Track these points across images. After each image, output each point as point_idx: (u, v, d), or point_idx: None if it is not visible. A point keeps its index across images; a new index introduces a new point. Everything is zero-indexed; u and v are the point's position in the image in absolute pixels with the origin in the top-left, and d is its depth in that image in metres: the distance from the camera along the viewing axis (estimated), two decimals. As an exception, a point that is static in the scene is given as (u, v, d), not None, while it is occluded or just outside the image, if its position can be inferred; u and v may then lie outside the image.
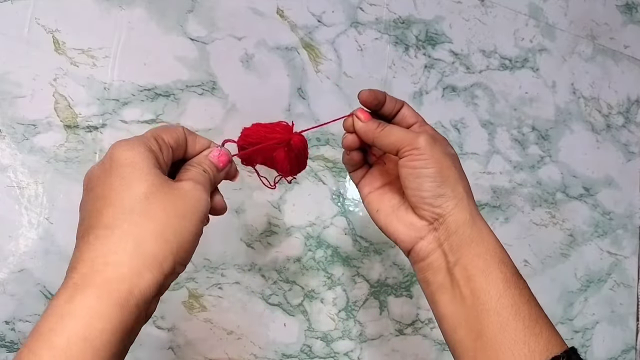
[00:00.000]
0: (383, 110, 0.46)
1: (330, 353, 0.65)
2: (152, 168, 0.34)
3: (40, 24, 0.55)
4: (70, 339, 0.29)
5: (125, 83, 0.57)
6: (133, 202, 0.32)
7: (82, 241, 0.32)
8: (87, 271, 0.31)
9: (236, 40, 0.63)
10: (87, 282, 0.30)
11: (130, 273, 0.31)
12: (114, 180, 0.33)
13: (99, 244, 0.32)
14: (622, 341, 0.83)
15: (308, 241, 0.64)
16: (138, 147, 0.34)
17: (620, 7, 0.90)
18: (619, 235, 0.85)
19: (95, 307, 0.30)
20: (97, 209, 0.33)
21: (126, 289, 0.30)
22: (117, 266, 0.31)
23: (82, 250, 0.32)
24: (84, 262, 0.31)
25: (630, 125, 0.88)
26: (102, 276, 0.30)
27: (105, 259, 0.31)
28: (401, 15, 0.73)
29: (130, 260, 0.31)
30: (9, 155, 0.53)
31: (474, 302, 0.38)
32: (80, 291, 0.30)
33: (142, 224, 0.32)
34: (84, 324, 0.29)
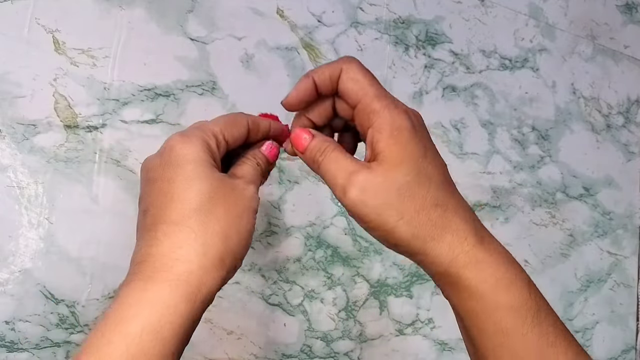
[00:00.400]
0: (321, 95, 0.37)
1: (330, 353, 0.65)
2: (211, 167, 0.35)
3: (40, 24, 0.55)
4: (144, 328, 0.30)
5: (125, 83, 0.57)
6: (198, 202, 0.33)
7: (148, 235, 0.34)
8: (158, 265, 0.32)
9: (236, 40, 0.63)
10: (159, 276, 0.32)
11: (199, 271, 0.32)
12: (177, 177, 0.34)
13: (167, 240, 0.33)
14: (622, 341, 0.84)
15: (308, 241, 0.64)
16: (197, 145, 0.35)
17: (620, 7, 0.90)
18: (619, 235, 0.85)
19: (168, 300, 0.31)
20: (162, 204, 0.34)
21: (195, 285, 0.32)
22: (187, 263, 0.32)
23: (150, 244, 0.33)
24: (154, 257, 0.32)
25: (630, 125, 0.88)
26: (173, 272, 0.32)
27: (175, 255, 0.32)
28: (401, 15, 0.73)
29: (199, 258, 0.33)
30: (9, 155, 0.53)
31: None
32: (153, 283, 0.31)
33: (207, 223, 0.33)
34: (157, 316, 0.31)
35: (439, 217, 0.33)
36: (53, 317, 0.53)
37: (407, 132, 0.33)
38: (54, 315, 0.53)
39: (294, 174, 0.64)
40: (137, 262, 0.33)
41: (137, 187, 0.57)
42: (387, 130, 0.33)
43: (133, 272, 0.33)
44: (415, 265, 0.72)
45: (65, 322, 0.53)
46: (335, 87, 0.36)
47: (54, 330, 0.53)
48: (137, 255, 0.33)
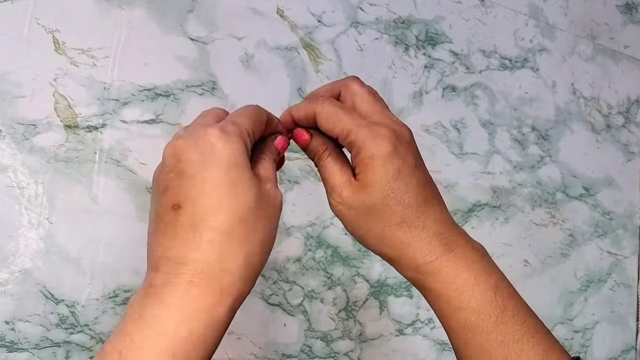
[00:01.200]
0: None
1: (330, 353, 0.65)
2: (252, 173, 0.34)
3: (40, 24, 0.55)
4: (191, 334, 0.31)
5: (125, 83, 0.57)
6: (244, 212, 0.33)
7: (188, 236, 0.32)
8: (202, 272, 0.32)
9: (236, 40, 0.63)
10: (205, 284, 0.32)
11: (240, 282, 0.33)
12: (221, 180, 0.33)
13: (213, 248, 0.32)
14: (622, 341, 0.84)
15: (308, 241, 0.64)
16: (240, 147, 0.34)
17: (620, 7, 0.90)
18: (619, 235, 0.85)
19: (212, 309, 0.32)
20: (206, 207, 0.33)
21: (236, 296, 0.33)
22: (231, 275, 0.32)
23: (192, 248, 0.32)
24: (197, 262, 0.32)
25: (630, 125, 0.88)
26: (218, 282, 0.32)
27: (220, 265, 0.32)
28: (401, 15, 0.73)
29: (241, 271, 0.33)
30: (9, 155, 0.53)
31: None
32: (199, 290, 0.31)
33: (251, 235, 0.33)
34: (203, 324, 0.31)
35: (404, 234, 0.37)
36: (53, 317, 0.53)
37: (379, 160, 0.36)
38: (54, 315, 0.53)
39: (294, 174, 0.64)
40: (176, 262, 0.32)
41: (137, 187, 0.57)
42: (360, 158, 0.37)
43: (170, 272, 0.32)
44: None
45: (65, 322, 0.53)
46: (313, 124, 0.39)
47: (54, 330, 0.53)
48: (172, 254, 0.32)
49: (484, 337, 0.36)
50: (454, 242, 0.38)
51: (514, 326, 0.36)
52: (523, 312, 0.37)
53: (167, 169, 0.34)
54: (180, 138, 0.34)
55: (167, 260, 0.32)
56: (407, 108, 0.72)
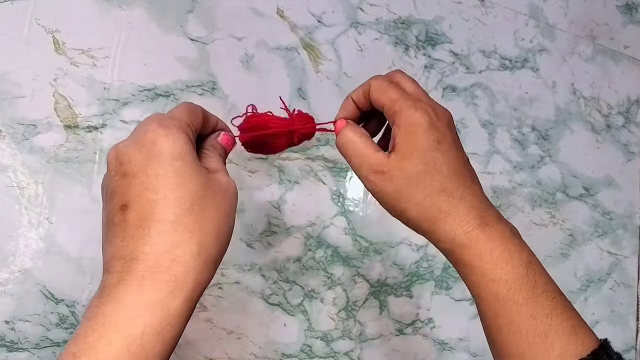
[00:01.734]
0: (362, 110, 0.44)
1: (330, 353, 0.65)
2: (198, 163, 0.34)
3: (40, 24, 0.55)
4: (145, 330, 0.30)
5: (125, 83, 0.57)
6: (192, 200, 0.33)
7: (137, 232, 0.32)
8: (152, 265, 0.31)
9: (236, 40, 0.63)
10: (157, 277, 0.31)
11: (195, 271, 0.32)
12: (166, 173, 0.33)
13: (162, 239, 0.32)
14: (622, 341, 0.83)
15: (308, 241, 0.64)
16: (181, 137, 0.34)
17: (620, 8, 0.90)
18: (619, 235, 0.85)
19: (167, 302, 0.31)
20: (152, 201, 0.32)
21: (192, 287, 0.32)
22: (184, 264, 0.32)
23: (142, 242, 0.32)
24: (147, 255, 0.32)
25: (630, 125, 0.88)
26: (171, 272, 0.31)
27: (172, 256, 0.32)
28: (401, 16, 0.73)
29: (194, 259, 0.32)
30: (9, 155, 0.53)
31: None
32: (151, 284, 0.31)
33: (202, 223, 0.33)
34: (158, 318, 0.30)
35: (444, 202, 0.38)
36: (53, 316, 0.53)
37: (420, 128, 0.38)
38: (54, 315, 0.53)
39: (294, 174, 0.64)
40: (128, 260, 0.32)
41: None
42: (403, 127, 0.39)
43: (123, 270, 0.31)
44: (415, 265, 0.72)
45: (65, 322, 0.53)
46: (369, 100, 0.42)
47: (54, 330, 0.53)
48: (124, 253, 0.32)
49: (515, 310, 0.36)
50: (489, 217, 0.38)
51: (544, 301, 0.37)
52: (552, 289, 0.39)
53: (112, 173, 0.34)
54: (121, 141, 0.35)
55: (119, 259, 0.32)
56: (407, 108, 0.72)
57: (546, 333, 0.36)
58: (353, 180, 0.67)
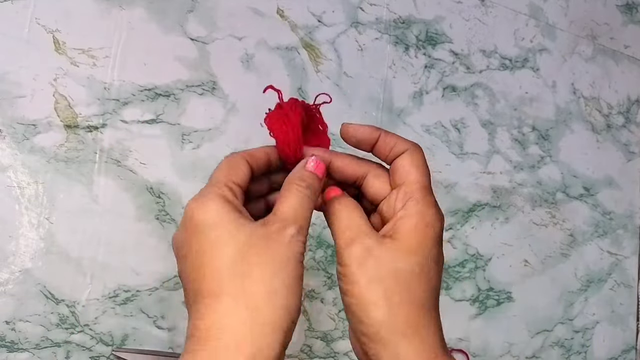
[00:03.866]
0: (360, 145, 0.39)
1: (330, 353, 0.65)
2: (238, 222, 0.33)
3: (40, 24, 0.55)
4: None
5: (125, 83, 0.57)
6: (231, 266, 0.32)
7: (193, 309, 0.33)
8: (204, 338, 0.31)
9: (236, 40, 0.63)
10: (207, 347, 0.31)
11: (250, 338, 0.31)
12: (202, 245, 0.32)
13: (209, 311, 0.31)
14: (622, 341, 0.83)
15: (308, 241, 0.64)
16: (215, 203, 0.33)
17: (620, 7, 0.90)
18: (619, 235, 0.85)
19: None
20: (198, 278, 0.32)
21: (249, 353, 0.30)
22: (234, 332, 0.31)
23: (194, 319, 0.32)
24: (199, 330, 0.31)
25: (631, 125, 0.88)
26: (221, 343, 0.30)
27: (219, 326, 0.31)
28: (401, 15, 0.73)
29: (247, 326, 0.31)
30: (9, 155, 0.53)
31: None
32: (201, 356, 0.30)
33: (248, 287, 0.32)
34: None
35: (417, 318, 0.34)
36: (53, 317, 0.53)
37: (433, 232, 0.34)
38: (54, 315, 0.53)
39: (294, 174, 0.64)
40: (187, 337, 0.32)
41: (137, 187, 0.57)
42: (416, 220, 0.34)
43: (185, 349, 0.32)
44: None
45: (66, 322, 0.53)
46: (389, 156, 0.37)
47: (54, 330, 0.53)
48: (188, 331, 0.32)
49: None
50: (445, 348, 0.35)
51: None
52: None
53: (177, 260, 0.34)
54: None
55: (186, 339, 0.32)
56: (407, 108, 0.72)
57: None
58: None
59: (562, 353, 0.78)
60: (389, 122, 0.70)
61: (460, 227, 0.73)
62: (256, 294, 0.31)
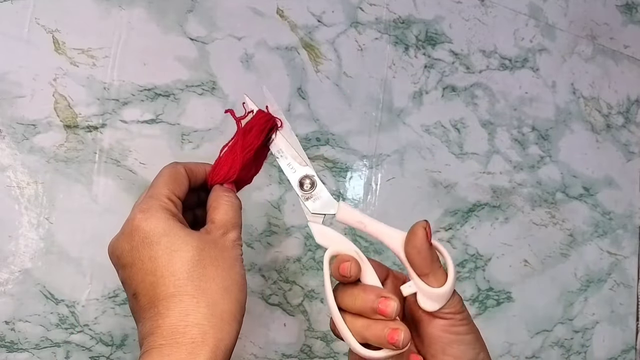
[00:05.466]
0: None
1: (330, 353, 0.65)
2: (185, 231, 0.36)
3: (40, 24, 0.55)
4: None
5: (125, 83, 0.57)
6: (188, 269, 0.35)
7: (149, 313, 0.34)
8: (169, 333, 0.33)
9: (236, 40, 0.63)
10: (173, 342, 0.33)
11: (212, 330, 0.33)
12: (155, 253, 0.35)
13: (172, 311, 0.34)
14: (622, 341, 0.84)
15: (308, 241, 0.64)
16: (161, 216, 0.36)
17: (620, 7, 0.90)
18: (619, 235, 0.85)
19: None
20: (152, 283, 0.35)
21: (213, 344, 0.33)
22: (199, 327, 0.33)
23: (154, 320, 0.34)
24: (161, 328, 0.33)
25: (630, 125, 0.88)
26: (187, 337, 0.33)
27: (185, 322, 0.33)
28: (401, 15, 0.73)
29: (209, 319, 0.34)
30: (9, 155, 0.53)
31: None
32: (169, 350, 0.32)
33: (205, 286, 0.35)
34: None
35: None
36: (53, 317, 0.53)
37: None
38: (53, 315, 0.53)
39: (294, 174, 0.64)
40: (148, 337, 0.34)
41: (137, 187, 0.57)
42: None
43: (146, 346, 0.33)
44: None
45: (65, 322, 0.53)
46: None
47: (54, 330, 0.53)
48: (145, 332, 0.34)
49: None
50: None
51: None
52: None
53: (116, 268, 0.37)
54: (114, 236, 0.37)
55: (143, 339, 0.34)
56: (407, 108, 0.72)
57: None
58: (353, 180, 0.67)
59: (562, 353, 0.78)
60: (389, 122, 0.70)
61: (460, 227, 0.73)
62: (213, 292, 0.35)
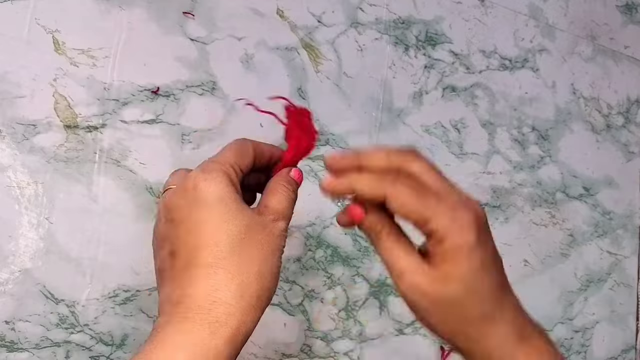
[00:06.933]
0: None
1: (330, 353, 0.65)
2: (240, 204, 0.35)
3: (40, 24, 0.55)
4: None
5: (125, 83, 0.57)
6: (232, 243, 0.33)
7: (182, 277, 0.33)
8: (195, 307, 0.32)
9: (236, 40, 0.63)
10: (198, 318, 0.32)
11: (239, 312, 0.33)
12: (206, 217, 0.34)
13: (204, 282, 0.33)
14: (622, 341, 0.84)
15: (308, 241, 0.64)
16: (222, 180, 0.35)
17: (620, 8, 0.90)
18: (619, 235, 0.85)
19: (209, 342, 0.31)
20: (194, 247, 0.34)
21: (235, 327, 0.32)
22: (226, 305, 0.32)
23: (185, 286, 0.33)
24: (190, 298, 0.32)
25: (630, 126, 0.88)
26: (212, 314, 0.32)
27: (212, 298, 0.32)
28: (401, 16, 0.73)
29: (237, 300, 0.33)
30: (9, 155, 0.53)
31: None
32: (192, 325, 0.32)
33: (242, 264, 0.33)
34: (198, 357, 0.31)
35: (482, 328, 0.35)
36: (53, 316, 0.53)
37: (463, 251, 0.34)
38: (54, 315, 0.53)
39: (294, 174, 0.64)
40: (174, 303, 0.33)
41: (137, 187, 0.57)
42: (443, 248, 0.34)
43: (168, 313, 0.33)
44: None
45: (65, 322, 0.53)
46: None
47: (54, 330, 0.53)
48: (172, 296, 0.33)
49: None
50: (527, 331, 0.37)
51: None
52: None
53: (162, 221, 0.36)
54: (168, 189, 0.36)
55: (168, 303, 0.33)
56: (407, 108, 0.72)
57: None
58: (353, 180, 0.67)
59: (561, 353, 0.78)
60: (389, 123, 0.70)
61: (460, 227, 0.73)
62: (249, 273, 0.33)
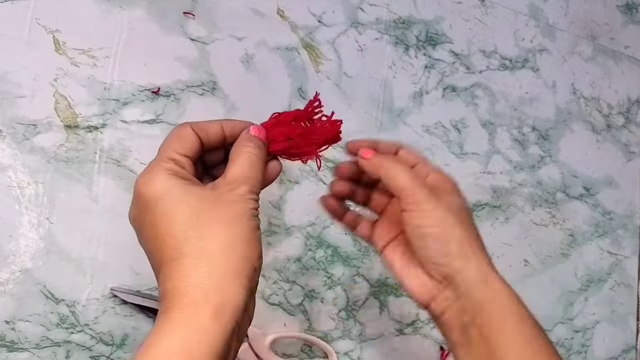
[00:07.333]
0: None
1: (330, 353, 0.65)
2: (187, 190, 0.35)
3: (41, 24, 0.55)
4: (171, 352, 0.31)
5: (125, 83, 0.58)
6: (185, 230, 0.34)
7: (159, 276, 0.35)
8: (173, 297, 0.33)
9: (236, 40, 0.63)
10: (177, 303, 0.32)
11: (215, 288, 0.33)
12: (153, 217, 0.34)
13: (174, 274, 0.33)
14: (622, 341, 0.83)
15: (308, 241, 0.64)
16: (160, 177, 0.35)
17: (620, 7, 0.90)
18: (619, 235, 0.85)
19: (190, 321, 0.32)
20: (156, 248, 0.35)
21: (217, 302, 0.32)
22: (200, 287, 0.33)
23: (162, 283, 0.34)
24: (169, 291, 0.33)
25: (631, 126, 0.88)
26: (189, 296, 0.32)
27: (186, 284, 0.33)
28: (401, 16, 0.73)
29: (209, 278, 0.33)
30: (9, 155, 0.53)
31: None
32: (172, 311, 0.32)
33: (204, 246, 0.34)
34: (183, 338, 0.31)
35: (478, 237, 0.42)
36: (53, 316, 0.53)
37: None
38: (54, 315, 0.53)
39: (294, 173, 0.64)
40: (161, 300, 0.34)
41: (137, 187, 0.57)
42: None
43: (158, 313, 0.34)
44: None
45: (66, 322, 0.53)
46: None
47: (54, 330, 0.53)
48: (159, 294, 0.35)
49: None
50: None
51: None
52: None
53: (136, 233, 0.38)
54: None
55: (159, 301, 0.35)
56: (407, 108, 0.72)
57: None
58: (353, 180, 0.67)
59: (562, 353, 0.78)
60: (389, 122, 0.70)
61: (460, 227, 0.73)
62: (213, 250, 0.34)
